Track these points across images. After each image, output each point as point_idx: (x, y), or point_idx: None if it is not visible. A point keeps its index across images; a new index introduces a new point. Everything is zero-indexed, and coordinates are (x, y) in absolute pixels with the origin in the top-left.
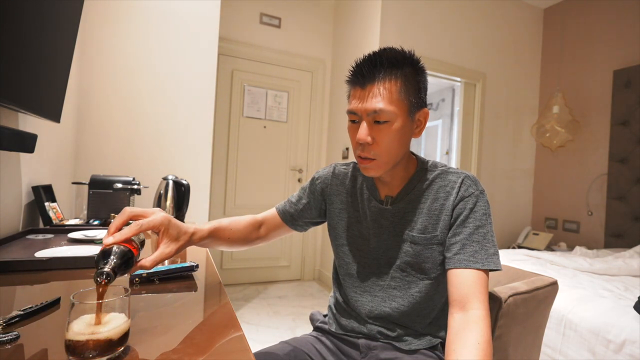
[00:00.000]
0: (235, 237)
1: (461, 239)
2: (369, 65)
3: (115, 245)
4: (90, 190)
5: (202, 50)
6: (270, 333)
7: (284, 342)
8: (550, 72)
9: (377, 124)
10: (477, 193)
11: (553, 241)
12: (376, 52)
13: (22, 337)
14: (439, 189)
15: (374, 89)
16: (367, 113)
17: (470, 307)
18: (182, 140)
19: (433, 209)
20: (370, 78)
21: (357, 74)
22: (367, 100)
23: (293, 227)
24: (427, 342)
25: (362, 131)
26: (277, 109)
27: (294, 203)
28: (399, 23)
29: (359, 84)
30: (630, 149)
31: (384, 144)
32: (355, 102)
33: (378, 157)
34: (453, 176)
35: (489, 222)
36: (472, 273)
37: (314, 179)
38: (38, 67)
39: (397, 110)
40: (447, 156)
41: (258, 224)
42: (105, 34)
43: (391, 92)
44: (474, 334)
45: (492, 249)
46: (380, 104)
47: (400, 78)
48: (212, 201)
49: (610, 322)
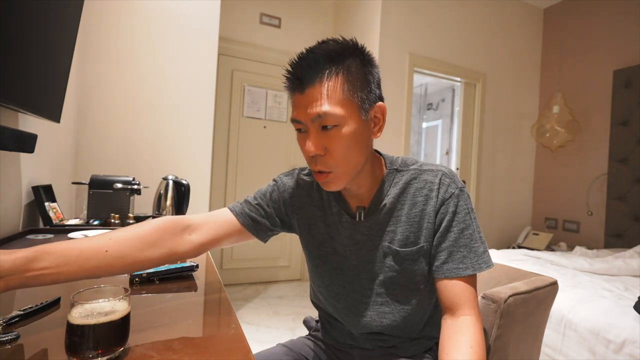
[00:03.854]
0: (121, 250)
1: (447, 246)
2: (304, 65)
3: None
4: (90, 190)
5: (202, 50)
6: (270, 333)
7: (281, 344)
8: (550, 72)
9: (325, 131)
10: (457, 192)
11: (553, 241)
12: (311, 49)
13: (22, 337)
14: (415, 192)
15: (315, 92)
16: (311, 120)
17: (460, 313)
18: (182, 140)
19: (412, 215)
20: (308, 80)
21: (294, 77)
22: (309, 105)
23: (255, 234)
24: (423, 346)
25: (310, 142)
26: (277, 109)
27: (254, 207)
28: (399, 23)
29: (297, 89)
30: (630, 149)
31: (338, 152)
32: (297, 110)
33: (334, 169)
34: (428, 175)
35: (474, 219)
36: (461, 280)
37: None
38: (38, 67)
39: (344, 111)
40: (447, 156)
41: (180, 227)
42: (105, 34)
43: (335, 91)
44: (467, 338)
45: (480, 247)
46: (324, 107)
47: (343, 73)
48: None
49: (610, 322)
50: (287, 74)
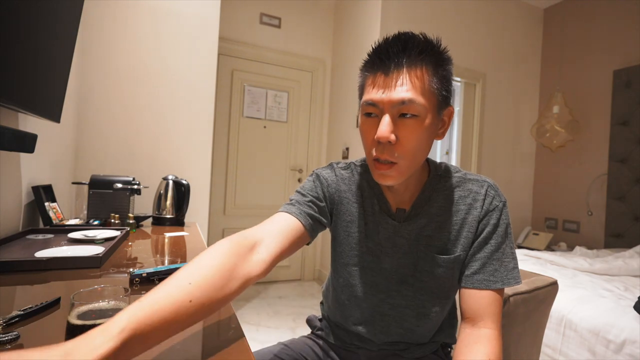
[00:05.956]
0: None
1: (482, 257)
2: (396, 48)
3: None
4: (90, 190)
5: (202, 50)
6: (270, 333)
7: (281, 343)
8: (550, 72)
9: (402, 119)
10: (501, 206)
11: (553, 241)
12: (403, 34)
13: (22, 337)
14: (458, 200)
15: (402, 77)
16: (392, 105)
17: (483, 325)
18: (182, 140)
19: (453, 223)
20: (397, 63)
21: (381, 57)
22: (392, 88)
23: (311, 235)
24: (429, 349)
25: (385, 127)
26: (277, 109)
27: (307, 205)
28: (399, 23)
29: (382, 69)
30: (630, 149)
31: (410, 143)
32: (376, 91)
33: (400, 161)
34: (473, 185)
35: (510, 235)
36: (490, 293)
37: (319, 177)
38: (38, 67)
39: (427, 103)
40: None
41: (247, 248)
42: (105, 34)
43: (423, 81)
44: (485, 349)
45: (511, 263)
46: (409, 93)
47: (430, 67)
48: (212, 201)
49: (610, 322)
50: (374, 52)
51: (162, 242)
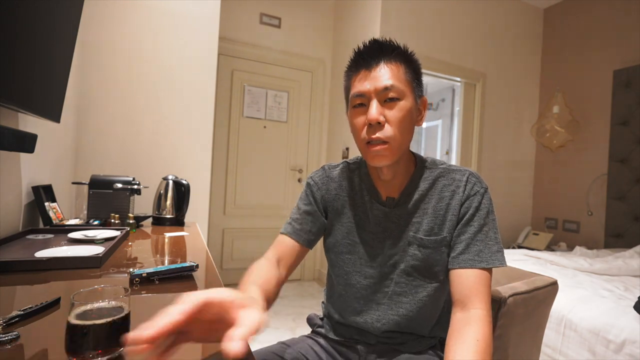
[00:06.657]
0: (272, 297)
1: (466, 238)
2: (373, 47)
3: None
4: (90, 190)
5: (202, 50)
6: (270, 333)
7: (281, 342)
8: (550, 72)
9: (387, 103)
10: (482, 191)
11: (553, 241)
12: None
13: (22, 337)
14: (443, 187)
15: (382, 69)
16: (377, 92)
17: (471, 306)
18: (182, 140)
19: (438, 209)
20: (376, 59)
21: (362, 56)
22: (376, 79)
23: (309, 247)
24: (427, 343)
25: (374, 110)
26: (277, 109)
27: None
28: (399, 23)
29: (365, 66)
30: (630, 149)
31: (396, 122)
32: (362, 84)
33: (391, 140)
34: (457, 174)
35: (492, 220)
36: (476, 272)
37: (309, 185)
38: (38, 67)
39: (406, 89)
40: (447, 156)
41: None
42: (105, 34)
43: (399, 71)
44: (474, 330)
45: (495, 246)
46: (390, 80)
47: (403, 61)
48: (212, 201)
49: (610, 322)
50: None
51: (162, 242)
